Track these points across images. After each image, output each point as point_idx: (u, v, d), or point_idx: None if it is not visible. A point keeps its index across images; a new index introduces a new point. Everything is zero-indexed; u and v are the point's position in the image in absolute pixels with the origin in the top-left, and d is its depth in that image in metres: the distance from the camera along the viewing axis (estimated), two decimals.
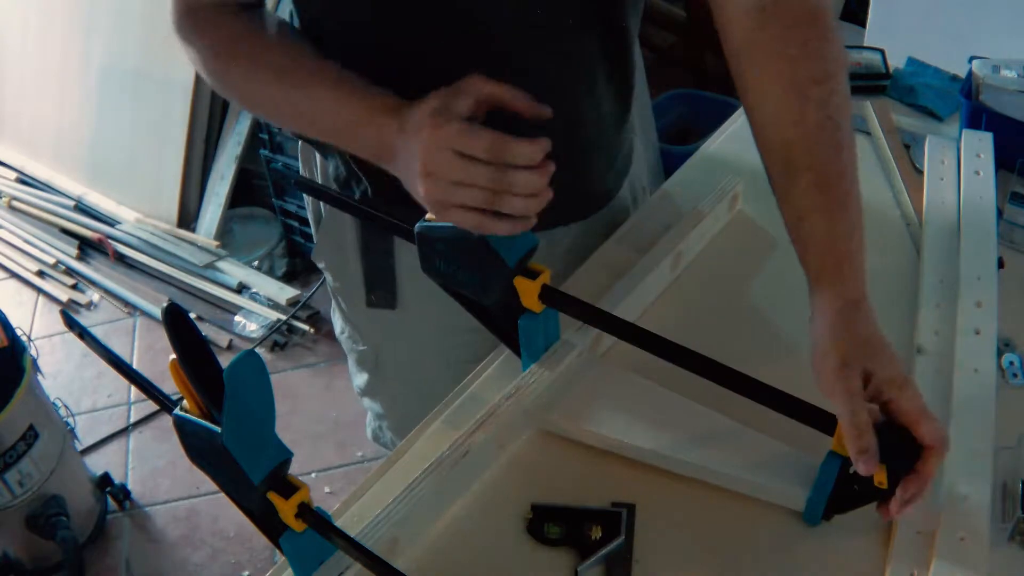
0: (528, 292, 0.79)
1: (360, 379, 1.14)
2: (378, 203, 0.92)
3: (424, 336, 1.00)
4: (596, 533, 0.74)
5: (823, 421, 0.69)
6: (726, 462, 0.76)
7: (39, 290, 2.59)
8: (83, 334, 0.77)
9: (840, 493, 0.70)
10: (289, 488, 0.65)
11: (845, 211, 0.74)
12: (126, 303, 2.51)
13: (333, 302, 1.10)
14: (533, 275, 0.78)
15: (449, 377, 0.89)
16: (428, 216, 0.80)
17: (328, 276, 1.07)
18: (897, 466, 0.66)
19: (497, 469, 0.81)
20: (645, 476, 0.78)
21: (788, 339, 0.91)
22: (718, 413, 0.79)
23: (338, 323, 1.12)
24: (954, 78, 1.22)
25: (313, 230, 1.06)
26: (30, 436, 1.65)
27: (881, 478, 0.66)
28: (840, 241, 0.73)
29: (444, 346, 1.00)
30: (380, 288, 1.00)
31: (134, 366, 1.34)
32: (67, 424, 1.90)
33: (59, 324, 2.09)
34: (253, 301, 2.39)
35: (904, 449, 0.66)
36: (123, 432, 2.17)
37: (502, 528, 0.77)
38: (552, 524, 0.75)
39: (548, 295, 0.79)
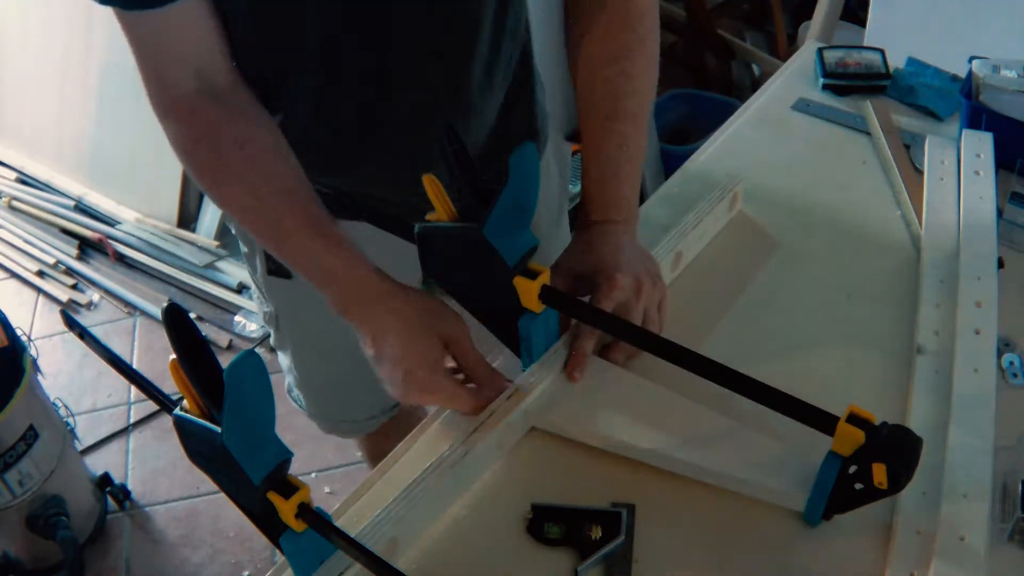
0: (528, 292, 0.78)
1: (271, 336, 1.20)
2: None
3: (319, 306, 0.98)
4: (596, 533, 0.74)
5: (823, 421, 0.69)
6: (726, 462, 0.76)
7: (39, 290, 2.59)
8: (83, 334, 0.77)
9: (840, 493, 0.70)
10: (289, 488, 0.65)
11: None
12: (126, 303, 2.51)
13: (247, 262, 1.15)
14: (533, 275, 0.78)
15: (347, 346, 0.89)
16: (429, 216, 0.80)
17: (240, 240, 1.11)
18: (897, 466, 0.66)
19: (497, 469, 0.81)
20: (645, 476, 0.78)
21: (788, 339, 0.91)
22: (718, 413, 0.79)
23: (251, 283, 1.18)
24: (954, 78, 1.22)
25: None
26: (30, 436, 1.65)
27: (881, 478, 0.66)
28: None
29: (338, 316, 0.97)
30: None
31: (134, 366, 1.34)
32: (67, 424, 1.90)
33: (59, 324, 2.09)
34: (253, 301, 2.39)
35: (904, 449, 0.66)
36: (123, 432, 2.17)
37: (502, 528, 0.77)
38: (552, 524, 0.75)
39: (548, 295, 0.79)
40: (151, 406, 2.16)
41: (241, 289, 2.43)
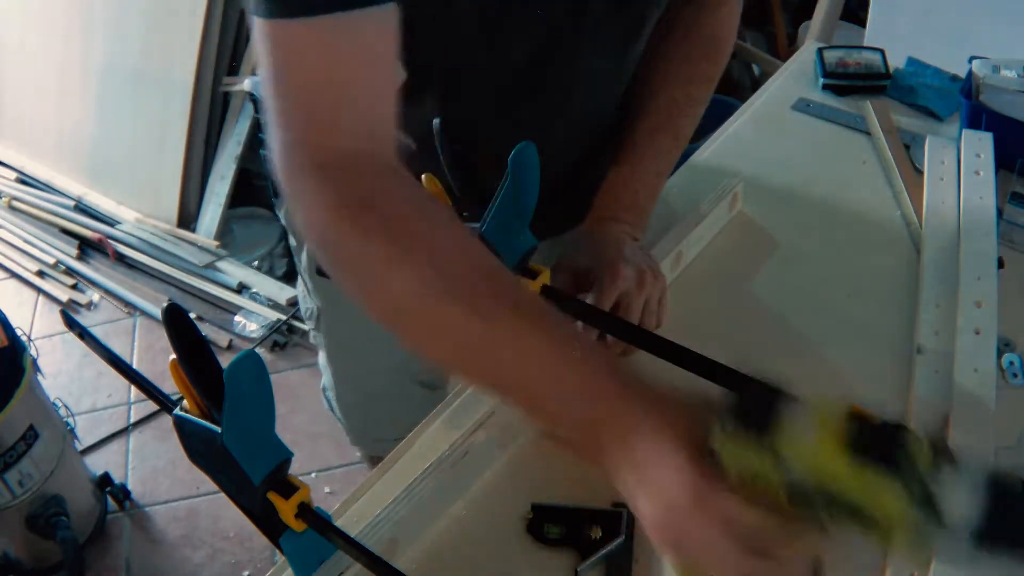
0: None
1: (311, 332, 1.17)
2: None
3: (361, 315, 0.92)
4: (596, 533, 0.74)
5: None
6: None
7: (39, 290, 2.59)
8: (83, 334, 0.77)
9: None
10: (289, 488, 0.65)
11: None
12: (126, 303, 2.51)
13: (295, 255, 1.12)
14: (533, 275, 0.78)
15: (384, 362, 0.87)
16: None
17: (289, 233, 1.10)
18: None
19: (497, 469, 0.81)
20: None
21: (788, 339, 0.91)
22: None
23: (298, 276, 1.15)
24: (954, 78, 1.22)
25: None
26: (30, 436, 1.65)
27: None
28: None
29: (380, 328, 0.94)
30: None
31: (134, 366, 1.34)
32: (67, 424, 1.90)
33: (59, 324, 2.08)
34: (253, 301, 2.39)
35: (902, 448, 0.66)
36: (123, 432, 2.17)
37: (502, 528, 0.77)
38: (552, 524, 0.75)
39: (548, 295, 0.79)
40: (151, 406, 2.16)
41: (241, 289, 2.43)
